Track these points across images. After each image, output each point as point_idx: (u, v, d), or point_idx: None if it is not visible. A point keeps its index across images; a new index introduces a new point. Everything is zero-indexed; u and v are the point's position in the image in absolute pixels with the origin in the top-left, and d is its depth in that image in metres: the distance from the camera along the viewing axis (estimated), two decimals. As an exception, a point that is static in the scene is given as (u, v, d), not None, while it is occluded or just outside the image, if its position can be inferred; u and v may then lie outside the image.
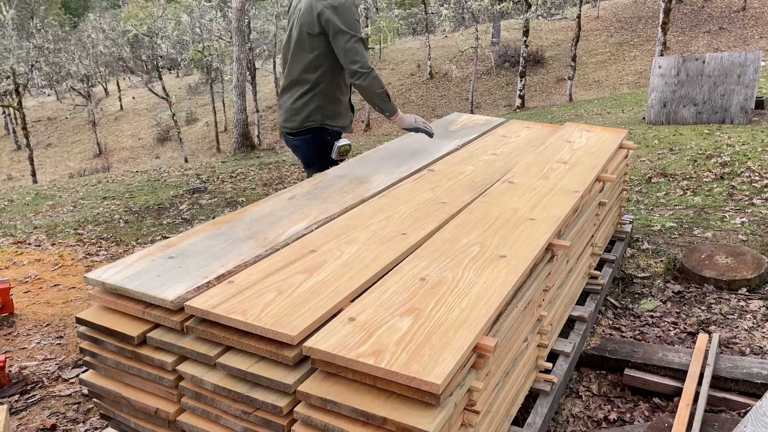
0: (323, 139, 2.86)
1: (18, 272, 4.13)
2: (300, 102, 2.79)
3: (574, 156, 2.74)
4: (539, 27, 26.49)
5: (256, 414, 1.37)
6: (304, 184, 2.41)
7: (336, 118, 2.86)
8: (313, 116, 2.79)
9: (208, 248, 1.80)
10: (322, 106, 2.79)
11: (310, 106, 2.78)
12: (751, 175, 5.07)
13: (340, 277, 1.60)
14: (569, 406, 2.29)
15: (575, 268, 2.48)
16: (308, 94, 2.76)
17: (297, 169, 8.72)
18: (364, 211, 2.08)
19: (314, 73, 2.73)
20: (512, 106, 19.21)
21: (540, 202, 2.15)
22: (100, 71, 31.04)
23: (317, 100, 2.77)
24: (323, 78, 2.74)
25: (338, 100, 2.85)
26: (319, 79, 2.74)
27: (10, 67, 18.59)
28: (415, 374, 1.19)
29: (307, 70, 2.73)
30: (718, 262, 3.16)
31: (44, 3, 33.33)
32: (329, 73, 2.74)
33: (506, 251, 1.75)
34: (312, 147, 2.88)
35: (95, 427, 2.33)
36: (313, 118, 2.80)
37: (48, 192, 9.28)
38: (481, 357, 1.38)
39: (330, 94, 2.80)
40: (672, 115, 8.72)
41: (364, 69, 2.61)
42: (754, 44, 21.30)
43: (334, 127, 2.88)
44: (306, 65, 2.73)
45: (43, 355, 2.94)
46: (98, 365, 1.69)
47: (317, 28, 2.63)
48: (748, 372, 2.21)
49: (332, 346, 1.28)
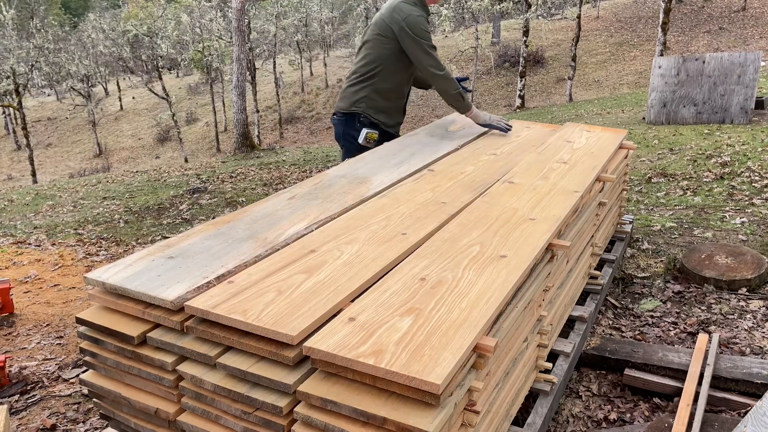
0: (353, 125, 3.15)
1: (18, 272, 4.13)
2: (353, 89, 3.15)
3: (574, 156, 2.74)
4: (539, 27, 26.49)
5: (256, 414, 1.37)
6: (304, 184, 2.41)
7: (380, 113, 3.16)
8: (359, 103, 3.12)
9: (208, 248, 1.80)
10: (370, 97, 3.11)
11: (360, 94, 3.13)
12: (751, 175, 5.07)
13: (340, 277, 1.60)
14: (569, 406, 2.29)
15: (575, 268, 2.48)
16: (361, 84, 3.12)
17: (297, 169, 8.72)
18: (364, 211, 2.08)
19: (372, 68, 3.09)
20: (512, 106, 19.21)
21: (540, 202, 2.15)
22: (100, 71, 31.05)
23: (367, 90, 3.11)
24: (378, 75, 3.09)
25: (387, 99, 3.16)
26: (375, 74, 3.09)
27: (10, 67, 18.59)
28: (415, 374, 1.19)
29: (366, 64, 3.10)
30: (718, 262, 3.16)
31: (44, 3, 33.32)
32: (384, 73, 3.09)
33: (506, 251, 1.75)
34: (342, 128, 3.19)
35: (95, 427, 2.33)
36: (359, 105, 3.13)
37: (48, 192, 9.28)
38: (481, 357, 1.38)
39: (381, 90, 3.12)
40: (672, 115, 8.72)
41: (439, 71, 2.98)
42: (754, 44, 21.30)
43: (374, 119, 3.15)
44: (367, 60, 3.10)
45: (43, 355, 2.94)
46: (98, 365, 1.69)
47: (389, 34, 3.00)
48: (748, 372, 2.21)
49: (332, 346, 1.28)
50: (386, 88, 3.12)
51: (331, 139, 22.90)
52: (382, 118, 3.18)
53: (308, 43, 30.50)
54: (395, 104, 3.23)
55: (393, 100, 3.19)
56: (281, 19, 25.07)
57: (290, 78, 32.02)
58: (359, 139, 3.14)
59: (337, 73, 30.99)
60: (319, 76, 31.29)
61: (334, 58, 33.30)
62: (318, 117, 27.09)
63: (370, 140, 3.13)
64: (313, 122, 26.76)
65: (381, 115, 3.17)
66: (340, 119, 3.20)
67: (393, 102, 3.20)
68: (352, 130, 3.15)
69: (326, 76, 30.01)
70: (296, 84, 30.99)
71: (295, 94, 30.12)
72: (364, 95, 3.11)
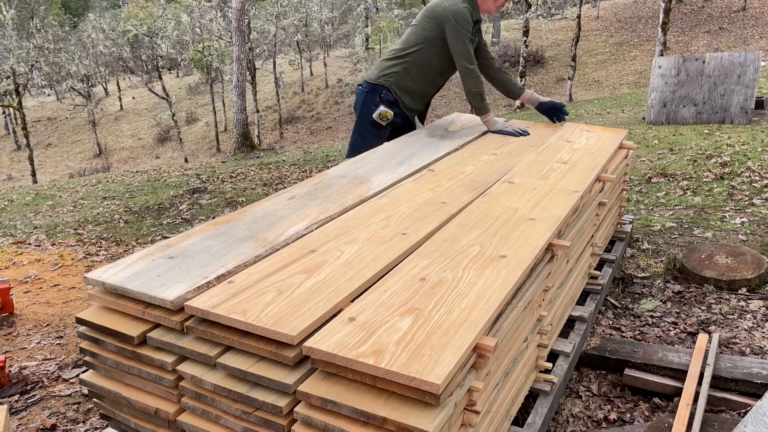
0: (373, 99, 3.22)
1: (18, 272, 4.13)
2: (386, 63, 3.26)
3: (574, 156, 2.74)
4: (539, 27, 26.49)
5: (256, 414, 1.37)
6: (304, 184, 2.41)
7: (404, 93, 3.24)
8: (389, 77, 3.21)
9: (208, 248, 1.80)
10: (400, 74, 3.20)
11: (392, 69, 3.22)
12: (751, 175, 5.07)
13: (340, 277, 1.60)
14: (569, 406, 2.29)
15: (575, 268, 2.48)
16: (395, 60, 3.22)
17: (297, 169, 8.73)
18: (364, 211, 2.08)
19: (410, 47, 3.19)
20: (512, 106, 19.20)
21: (540, 202, 2.15)
22: (100, 71, 31.06)
23: (399, 67, 3.20)
24: (413, 55, 3.19)
25: (416, 81, 3.24)
26: (411, 54, 3.19)
27: (10, 67, 18.59)
28: (415, 374, 1.19)
29: (406, 42, 3.22)
30: (718, 262, 3.16)
31: (44, 3, 33.31)
32: (420, 54, 3.18)
33: (506, 251, 1.75)
34: (363, 99, 3.26)
35: (95, 427, 2.33)
36: (387, 78, 3.21)
37: (48, 192, 9.28)
38: (481, 357, 1.38)
39: (411, 71, 3.21)
40: (672, 115, 8.72)
41: (468, 65, 3.10)
42: (754, 44, 21.31)
43: (397, 96, 3.22)
44: (408, 40, 3.22)
45: (43, 355, 2.94)
46: (98, 365, 1.69)
47: (434, 19, 3.12)
48: (748, 372, 2.21)
49: (332, 346, 1.28)
50: (418, 70, 3.21)
51: (331, 139, 22.92)
52: (405, 99, 3.25)
53: (308, 43, 30.52)
54: (422, 90, 3.30)
55: (421, 84, 3.27)
56: (281, 19, 25.07)
57: (290, 78, 32.03)
58: (374, 113, 3.21)
59: (337, 73, 30.99)
60: (319, 76, 31.30)
61: (334, 58, 33.31)
62: (318, 117, 27.10)
63: (384, 118, 3.21)
64: (313, 122, 26.77)
65: (405, 96, 3.24)
66: (363, 90, 3.27)
67: (420, 87, 3.28)
68: (370, 103, 3.23)
69: (326, 76, 30.01)
70: (296, 84, 31.01)
71: (295, 94, 30.13)
72: (395, 71, 3.20)
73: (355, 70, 29.55)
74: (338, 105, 27.68)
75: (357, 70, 29.33)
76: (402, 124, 3.39)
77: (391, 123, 3.28)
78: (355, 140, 3.32)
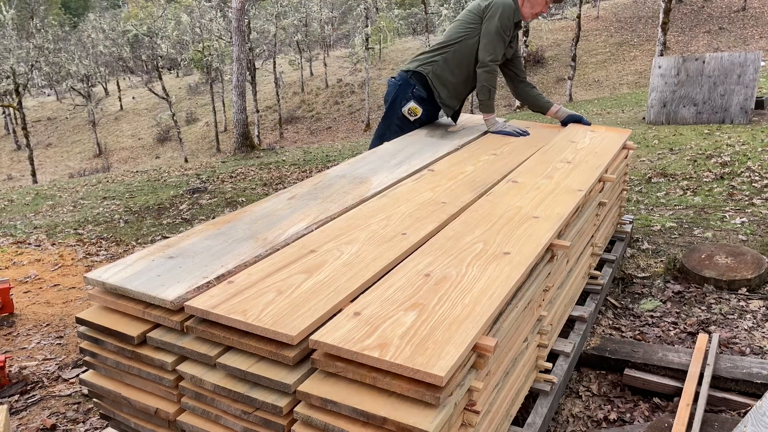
0: (406, 92, 3.23)
1: (18, 272, 4.13)
2: (427, 54, 3.27)
3: (578, 156, 2.74)
4: (539, 27, 26.49)
5: (256, 414, 1.37)
6: (304, 184, 2.42)
7: (442, 85, 3.22)
8: (428, 66, 3.22)
9: (208, 248, 1.80)
10: (440, 65, 3.20)
11: (432, 58, 3.22)
12: (751, 175, 5.07)
13: (340, 277, 1.60)
14: (569, 406, 2.29)
15: (575, 268, 2.49)
16: (436, 52, 3.23)
17: (297, 169, 8.73)
18: (364, 211, 2.08)
19: (451, 39, 3.20)
20: (512, 106, 19.20)
21: (544, 200, 2.16)
22: (100, 71, 31.06)
23: (439, 58, 3.21)
24: (454, 46, 3.19)
25: (453, 74, 3.22)
26: (452, 45, 3.19)
27: (10, 67, 18.59)
28: (419, 367, 1.20)
29: (448, 34, 3.25)
30: (718, 262, 3.16)
31: (44, 3, 33.32)
32: (461, 48, 3.18)
33: (510, 248, 1.76)
34: (396, 91, 3.26)
35: (95, 427, 2.33)
36: (426, 67, 3.22)
37: (48, 192, 9.28)
38: (481, 357, 1.38)
39: (451, 63, 3.20)
40: (672, 115, 8.72)
41: (489, 59, 3.09)
42: (754, 44, 21.31)
43: (435, 88, 3.21)
44: (450, 32, 3.24)
45: (43, 355, 2.94)
46: (98, 365, 1.69)
47: (479, 12, 3.13)
48: (748, 372, 2.21)
49: (338, 340, 1.30)
50: (458, 62, 3.19)
51: (331, 139, 22.91)
52: (442, 92, 3.24)
53: (308, 43, 30.52)
54: (459, 84, 3.27)
55: (459, 77, 3.24)
56: (281, 19, 25.07)
57: (290, 78, 32.03)
58: (403, 108, 3.23)
59: (337, 73, 30.99)
60: (319, 76, 31.30)
61: (334, 58, 33.31)
62: (318, 117, 27.10)
63: (412, 113, 3.23)
64: (313, 122, 26.77)
65: (442, 89, 3.23)
66: (396, 82, 3.28)
67: (458, 80, 3.25)
68: (402, 97, 3.24)
69: (326, 76, 30.01)
70: (296, 84, 31.01)
71: (295, 94, 30.14)
72: (435, 59, 3.21)
73: (355, 70, 29.55)
74: (338, 105, 27.68)
75: (357, 70, 29.34)
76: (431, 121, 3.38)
77: (420, 119, 3.28)
78: (382, 132, 3.32)
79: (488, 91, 3.16)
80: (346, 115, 25.93)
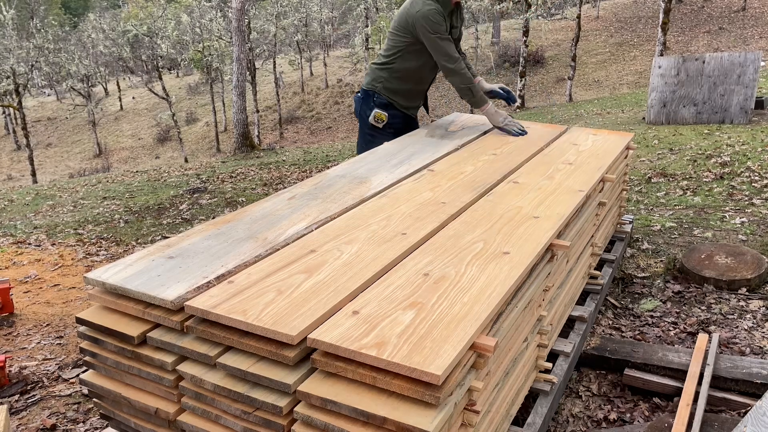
0: (368, 103, 3.41)
1: (18, 272, 4.13)
2: (375, 69, 3.43)
3: (580, 158, 2.75)
4: (539, 27, 26.49)
5: (256, 414, 1.37)
6: (304, 184, 2.42)
7: (396, 94, 3.39)
8: (376, 82, 3.40)
9: (208, 248, 1.80)
10: (387, 79, 3.37)
11: (378, 75, 3.39)
12: (751, 175, 5.07)
13: (339, 277, 1.60)
14: (569, 406, 2.29)
15: (575, 268, 2.49)
16: (381, 66, 3.39)
17: (297, 169, 8.73)
18: (364, 211, 2.08)
19: (390, 54, 3.34)
20: (512, 106, 19.20)
21: (544, 201, 2.16)
22: (100, 71, 31.04)
23: (385, 73, 3.37)
24: (395, 62, 3.33)
25: (404, 82, 3.37)
26: (392, 61, 3.34)
27: (10, 67, 18.58)
28: (416, 365, 1.20)
29: (387, 50, 3.38)
30: (718, 262, 3.16)
31: (44, 3, 33.33)
32: (401, 60, 3.31)
33: (509, 248, 1.76)
34: (360, 105, 3.47)
35: (95, 427, 2.33)
36: (376, 84, 3.40)
37: (48, 192, 9.28)
38: (481, 357, 1.38)
39: (397, 75, 3.35)
40: (672, 115, 8.71)
41: (449, 65, 3.16)
42: (754, 44, 21.31)
43: (391, 99, 3.39)
44: (388, 47, 3.38)
45: (43, 355, 2.94)
46: (98, 365, 1.69)
47: (405, 25, 3.21)
48: (748, 372, 2.21)
49: (336, 338, 1.30)
50: (402, 73, 3.33)
51: (331, 139, 22.92)
52: (399, 100, 3.40)
53: (308, 43, 30.51)
54: (413, 88, 3.42)
55: (409, 84, 3.39)
56: (281, 19, 25.07)
57: (290, 78, 32.02)
58: (369, 117, 3.38)
59: (337, 73, 30.99)
60: (319, 76, 31.29)
61: (334, 58, 33.31)
62: (318, 117, 27.09)
63: (379, 120, 3.37)
64: (313, 122, 26.76)
65: (398, 97, 3.39)
66: (360, 96, 3.48)
67: (410, 86, 3.40)
68: (366, 108, 3.41)
69: (326, 76, 30.01)
70: (296, 84, 31.00)
71: (295, 94, 30.13)
72: (382, 75, 3.37)
73: (355, 70, 29.55)
74: (338, 105, 27.67)
75: (357, 70, 29.33)
76: (403, 124, 3.45)
77: (391, 125, 3.38)
78: (360, 145, 3.50)
79: (468, 90, 3.20)
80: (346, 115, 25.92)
